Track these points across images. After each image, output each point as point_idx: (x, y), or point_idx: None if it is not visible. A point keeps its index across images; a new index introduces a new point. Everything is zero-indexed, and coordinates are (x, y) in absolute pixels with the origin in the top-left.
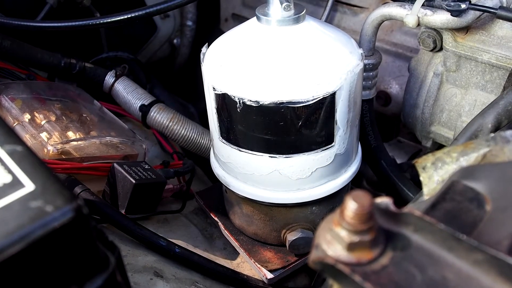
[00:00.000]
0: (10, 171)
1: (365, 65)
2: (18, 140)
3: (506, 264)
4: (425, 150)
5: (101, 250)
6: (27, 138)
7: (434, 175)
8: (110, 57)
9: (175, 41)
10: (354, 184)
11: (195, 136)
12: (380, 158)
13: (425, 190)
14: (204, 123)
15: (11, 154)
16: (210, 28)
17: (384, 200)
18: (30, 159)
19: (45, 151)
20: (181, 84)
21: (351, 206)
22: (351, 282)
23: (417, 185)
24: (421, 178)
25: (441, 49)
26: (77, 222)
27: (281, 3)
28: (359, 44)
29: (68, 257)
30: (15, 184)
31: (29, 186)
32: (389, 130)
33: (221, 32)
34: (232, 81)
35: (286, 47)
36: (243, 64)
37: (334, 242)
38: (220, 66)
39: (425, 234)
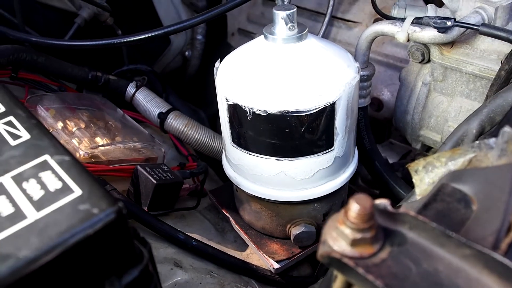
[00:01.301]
0: (60, 178)
1: (360, 76)
2: (65, 150)
3: (491, 258)
4: (415, 151)
5: (136, 245)
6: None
7: (425, 177)
8: (131, 69)
9: (186, 53)
10: (351, 182)
11: (207, 140)
12: (374, 159)
13: (417, 191)
14: (214, 127)
15: (60, 163)
16: (218, 41)
17: (382, 202)
18: (76, 167)
19: (77, 155)
20: (192, 92)
21: (354, 207)
22: (355, 274)
23: (408, 183)
24: (413, 180)
25: (429, 61)
26: (118, 222)
27: (286, 23)
28: (355, 58)
29: (109, 252)
30: (65, 189)
31: (77, 191)
32: (381, 133)
33: (228, 45)
34: (243, 92)
35: (291, 62)
36: (253, 78)
37: (339, 239)
38: (232, 79)
39: (419, 231)
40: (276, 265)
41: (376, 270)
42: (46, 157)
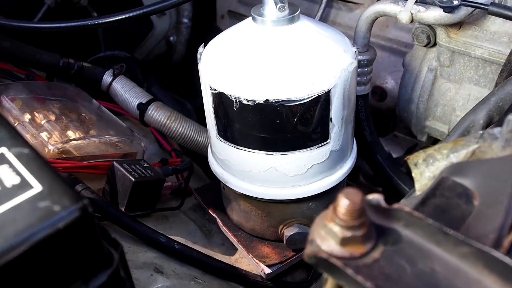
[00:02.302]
0: (18, 173)
1: (359, 61)
2: (25, 143)
3: (492, 257)
4: (421, 145)
5: (105, 247)
6: (28, 138)
7: (425, 171)
8: (108, 56)
9: (171, 38)
10: (351, 179)
11: (192, 133)
12: (375, 152)
13: (417, 185)
14: (201, 120)
15: (18, 156)
16: (207, 26)
17: (375, 197)
18: (36, 161)
19: (46, 150)
20: (177, 81)
21: (343, 203)
22: (344, 275)
23: (413, 179)
24: (413, 175)
25: (434, 44)
26: (83, 221)
27: (276, 3)
28: (354, 41)
29: (74, 254)
30: (24, 185)
31: (37, 187)
32: (385, 125)
33: (217, 29)
34: (229, 80)
35: (281, 47)
36: (239, 64)
37: (327, 237)
38: (217, 66)
39: (414, 229)
40: (268, 270)
41: (367, 271)
42: (3, 149)
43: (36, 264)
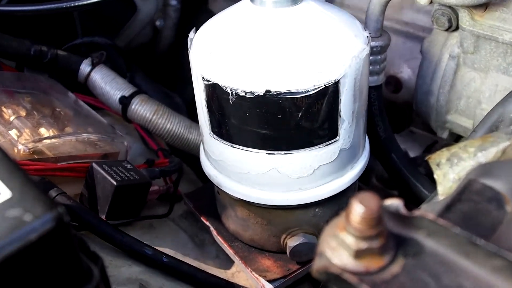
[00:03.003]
0: None
1: (372, 48)
2: None
3: None
4: (441, 142)
5: (84, 261)
6: None
7: (449, 172)
8: (85, 43)
9: (157, 23)
10: (362, 181)
11: (182, 130)
12: (390, 151)
13: (440, 189)
14: (192, 115)
15: None
16: (197, 8)
17: (394, 202)
18: (4, 162)
19: (15, 150)
20: (165, 71)
21: (357, 209)
22: None
23: (433, 181)
24: (435, 176)
25: (457, 28)
26: (58, 232)
27: None
28: (365, 25)
29: (48, 270)
30: None
31: (5, 193)
32: (400, 120)
33: (210, 12)
34: (224, 70)
35: (283, 31)
36: (236, 51)
37: (339, 249)
38: (210, 53)
39: (439, 239)
40: (269, 286)
41: None
42: None
43: (5, 281)
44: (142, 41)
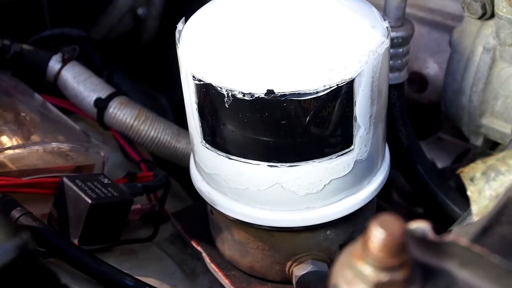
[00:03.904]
0: None
1: (392, 40)
2: None
3: None
4: (475, 150)
5: None
6: None
7: (485, 188)
8: (55, 35)
9: (139, 11)
10: (381, 197)
11: (169, 138)
12: (415, 161)
13: (474, 208)
14: (181, 120)
15: None
16: None
17: (420, 225)
18: None
19: None
20: (149, 69)
21: (377, 234)
22: None
23: (466, 198)
24: (468, 193)
25: (492, 16)
26: (22, 262)
27: None
28: (384, 13)
29: None
30: None
31: None
32: (426, 125)
33: (200, 0)
34: (218, 67)
35: (288, 22)
36: (232, 45)
37: (356, 282)
38: (202, 48)
39: (474, 269)
40: None
41: None
42: None
43: None
44: (122, 32)
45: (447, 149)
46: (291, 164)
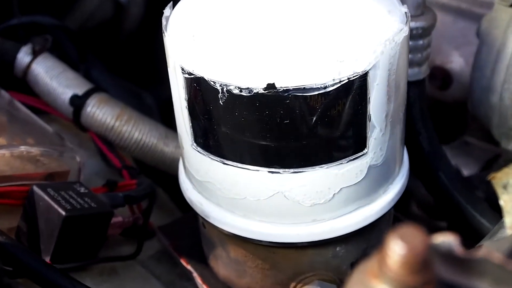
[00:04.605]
0: None
1: (411, 29)
2: None
3: None
4: (506, 156)
5: None
6: None
7: None
8: (24, 24)
9: None
10: (399, 209)
11: (155, 141)
12: (437, 168)
13: (508, 220)
14: (169, 120)
15: None
16: None
17: (446, 239)
18: None
19: None
20: (132, 62)
21: (396, 249)
22: None
23: (497, 209)
24: (501, 202)
25: None
26: None
27: None
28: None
29: None
30: None
31: None
32: (450, 126)
33: None
34: (211, 58)
35: (292, 7)
36: (227, 33)
37: None
38: (192, 36)
39: None
40: None
41: None
42: None
43: None
44: (101, 20)
45: (474, 154)
46: (295, 170)
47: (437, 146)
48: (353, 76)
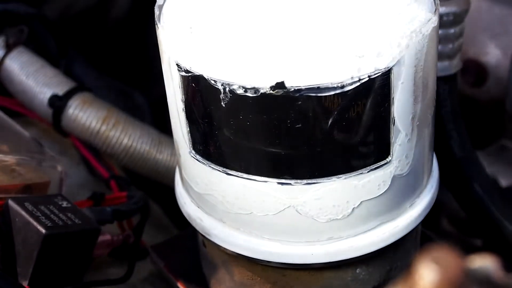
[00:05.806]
0: None
1: (441, 16)
2: None
3: None
4: None
5: None
6: None
7: None
8: None
9: None
10: (427, 225)
11: (147, 148)
12: (471, 178)
13: None
14: (163, 124)
15: None
16: None
17: (484, 263)
18: None
19: None
20: (120, 57)
21: (428, 274)
22: None
23: None
24: None
25: None
26: None
27: None
28: None
29: None
30: None
31: None
32: (485, 129)
33: None
34: (211, 53)
35: None
36: (230, 25)
37: None
38: (190, 28)
39: None
40: None
41: None
42: None
43: None
44: (84, 9)
45: None
46: (309, 181)
47: (471, 151)
48: (375, 74)
